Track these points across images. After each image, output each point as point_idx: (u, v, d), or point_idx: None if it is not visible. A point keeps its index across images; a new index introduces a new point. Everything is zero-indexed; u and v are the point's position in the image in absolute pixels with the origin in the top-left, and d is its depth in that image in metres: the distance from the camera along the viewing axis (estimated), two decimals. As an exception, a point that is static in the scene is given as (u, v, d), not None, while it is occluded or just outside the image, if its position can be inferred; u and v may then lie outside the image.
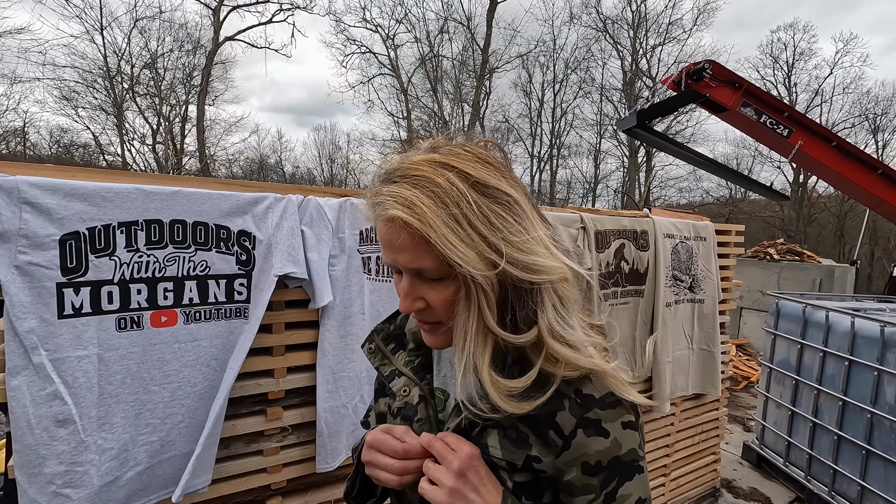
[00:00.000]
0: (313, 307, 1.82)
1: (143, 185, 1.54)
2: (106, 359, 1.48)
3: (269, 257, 1.71)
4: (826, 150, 5.05)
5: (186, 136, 18.21)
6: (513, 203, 0.63)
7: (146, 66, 16.54)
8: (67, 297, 1.43)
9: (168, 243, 1.58)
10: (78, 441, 1.42)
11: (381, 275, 1.99)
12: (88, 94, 15.90)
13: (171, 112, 17.78)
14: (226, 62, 18.27)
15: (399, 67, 19.25)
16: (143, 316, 1.56)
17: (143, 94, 17.09)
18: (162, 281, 1.58)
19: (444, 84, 19.25)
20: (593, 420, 0.66)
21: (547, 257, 0.63)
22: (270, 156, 22.56)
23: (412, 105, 19.64)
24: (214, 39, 17.32)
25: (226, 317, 1.69)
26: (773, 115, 4.96)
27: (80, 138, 16.92)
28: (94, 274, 1.47)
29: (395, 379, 0.82)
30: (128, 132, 17.00)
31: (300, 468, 1.87)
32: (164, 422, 1.59)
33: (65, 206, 1.42)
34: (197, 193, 1.61)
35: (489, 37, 18.40)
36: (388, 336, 0.87)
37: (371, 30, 18.91)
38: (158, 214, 1.56)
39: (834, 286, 7.11)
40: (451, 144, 0.66)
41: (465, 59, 19.07)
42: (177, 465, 1.62)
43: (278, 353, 1.80)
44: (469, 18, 18.39)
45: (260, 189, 1.76)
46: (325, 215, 1.82)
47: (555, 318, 0.65)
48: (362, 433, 1.95)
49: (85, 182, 1.46)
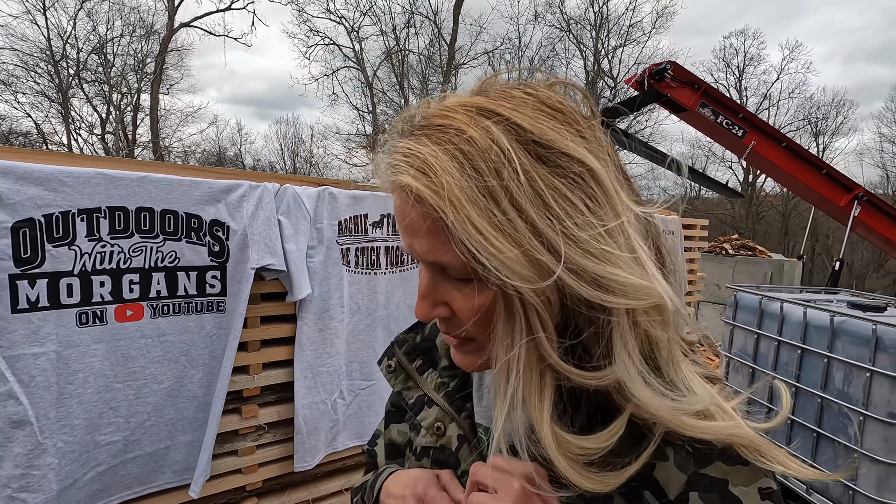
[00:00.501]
0: (291, 300, 1.75)
1: (106, 170, 1.44)
2: (65, 356, 1.38)
3: (244, 248, 1.63)
4: (777, 151, 5.32)
5: (139, 125, 17.33)
6: (588, 178, 0.41)
7: (94, 52, 15.62)
8: (22, 289, 1.32)
9: (134, 232, 1.48)
10: (35, 443, 1.32)
11: (361, 266, 1.94)
12: (29, 79, 14.87)
13: (121, 101, 16.86)
14: (181, 49, 17.48)
15: (364, 60, 18.97)
16: (106, 310, 1.45)
17: (90, 80, 16.13)
18: (127, 273, 1.48)
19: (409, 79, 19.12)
20: (715, 481, 0.43)
21: (630, 269, 0.40)
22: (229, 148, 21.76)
23: (378, 99, 19.40)
24: (169, 25, 16.51)
25: (197, 311, 1.60)
26: (728, 116, 5.18)
27: (20, 126, 15.81)
28: (52, 265, 1.36)
29: (425, 409, 0.61)
30: (74, 120, 16.02)
31: (277, 468, 1.80)
32: (129, 420, 1.50)
33: (17, 191, 1.30)
34: (166, 180, 1.52)
35: (455, 32, 18.39)
36: (413, 349, 0.66)
37: (335, 21, 18.54)
38: (123, 201, 1.46)
39: (783, 279, 7.51)
40: (508, 85, 0.45)
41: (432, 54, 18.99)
42: (142, 465, 1.53)
43: (254, 349, 1.73)
44: (436, 13, 18.31)
45: (234, 176, 1.67)
46: (302, 205, 1.76)
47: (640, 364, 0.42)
48: (340, 431, 1.91)
49: (40, 165, 1.35)
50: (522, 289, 0.40)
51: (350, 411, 1.95)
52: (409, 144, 0.42)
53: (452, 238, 0.40)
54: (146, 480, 1.54)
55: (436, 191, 0.39)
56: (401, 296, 2.07)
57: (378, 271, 1.99)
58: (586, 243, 0.39)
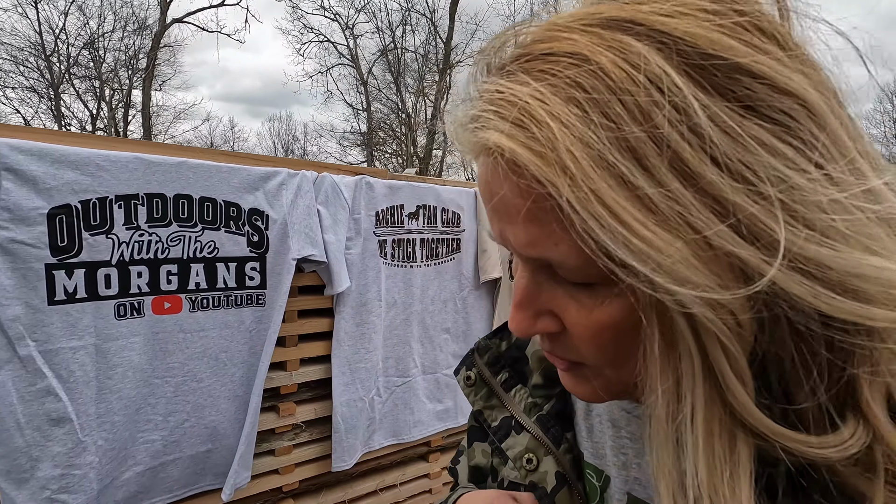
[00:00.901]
0: (330, 293, 1.69)
1: (144, 154, 1.37)
2: (104, 350, 1.30)
3: (284, 239, 1.56)
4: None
5: (130, 121, 17.04)
6: (798, 117, 0.25)
7: (85, 46, 15.34)
8: (59, 280, 1.24)
9: (172, 220, 1.41)
10: (76, 441, 1.24)
11: (397, 259, 1.88)
12: (19, 74, 14.56)
13: (112, 96, 16.59)
14: (174, 45, 17.23)
15: (359, 58, 18.84)
16: (144, 302, 1.38)
17: (80, 76, 15.84)
18: (165, 263, 1.41)
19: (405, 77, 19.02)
20: None
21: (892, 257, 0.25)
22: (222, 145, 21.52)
23: (373, 97, 19.28)
24: (161, 20, 16.25)
25: (236, 304, 1.53)
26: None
27: (9, 121, 15.49)
28: (89, 254, 1.28)
29: (512, 435, 0.48)
30: (65, 116, 15.72)
31: (314, 467, 1.73)
32: (167, 419, 1.43)
33: (53, 175, 1.23)
34: (204, 165, 1.45)
35: (451, 30, 18.33)
36: (497, 359, 0.52)
37: (330, 18, 18.39)
38: (161, 188, 1.39)
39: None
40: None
41: (427, 51, 18.91)
42: (182, 468, 1.46)
43: (291, 344, 1.66)
44: (433, 11, 18.23)
45: (271, 163, 1.60)
46: (341, 194, 1.69)
47: None
48: (376, 429, 1.84)
49: (77, 148, 1.27)
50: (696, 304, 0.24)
51: (386, 409, 1.88)
52: (499, 85, 0.28)
53: (569, 224, 0.26)
54: (186, 483, 1.47)
55: (540, 152, 0.25)
56: (435, 290, 2.01)
57: (413, 264, 1.93)
58: (821, 219, 0.24)
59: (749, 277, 0.24)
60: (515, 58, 0.29)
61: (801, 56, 0.27)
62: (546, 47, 0.28)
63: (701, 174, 0.24)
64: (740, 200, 0.23)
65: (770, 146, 0.24)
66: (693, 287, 0.24)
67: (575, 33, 0.27)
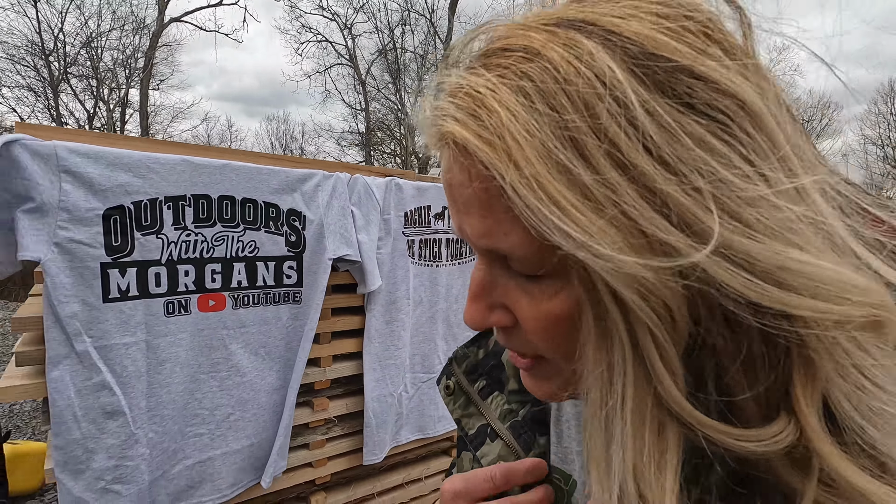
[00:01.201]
0: (362, 291, 1.74)
1: (191, 157, 1.41)
2: (155, 346, 1.35)
3: (321, 238, 1.61)
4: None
5: (127, 121, 16.98)
6: (735, 116, 0.26)
7: (84, 46, 15.28)
8: (113, 278, 1.29)
9: (216, 221, 1.46)
10: (128, 434, 1.29)
11: (424, 259, 1.93)
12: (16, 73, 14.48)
13: (109, 96, 16.52)
14: (171, 44, 17.18)
15: (357, 58, 18.86)
16: (190, 299, 1.43)
17: (78, 75, 15.77)
18: (210, 262, 1.46)
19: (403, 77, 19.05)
20: None
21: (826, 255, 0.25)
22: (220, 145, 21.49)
23: (371, 97, 19.30)
24: (159, 20, 16.20)
25: (274, 301, 1.58)
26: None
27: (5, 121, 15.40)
28: (141, 253, 1.33)
29: (487, 443, 0.48)
30: (62, 115, 15.64)
31: (345, 461, 1.78)
32: (213, 413, 1.47)
33: (108, 177, 1.27)
34: (246, 168, 1.50)
35: (450, 30, 18.38)
36: (474, 368, 0.52)
37: (328, 17, 18.39)
38: (206, 189, 1.43)
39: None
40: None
41: (426, 52, 18.95)
42: (229, 464, 1.51)
43: (325, 341, 1.71)
44: (432, 11, 18.27)
45: (306, 165, 1.65)
46: (373, 195, 1.74)
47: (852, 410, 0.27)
48: (404, 424, 1.90)
49: (129, 151, 1.32)
50: (624, 291, 0.25)
51: (412, 404, 1.94)
52: (460, 78, 0.30)
53: (517, 211, 0.26)
54: (234, 481, 1.52)
55: (489, 139, 0.26)
56: (459, 288, 2.06)
57: (439, 263, 1.98)
58: (749, 213, 0.24)
59: (685, 268, 0.24)
60: (480, 54, 0.31)
61: (745, 61, 0.28)
62: (505, 43, 0.29)
63: (636, 164, 0.25)
64: (672, 191, 0.24)
65: (705, 142, 0.25)
66: (626, 275, 0.25)
67: (533, 31, 0.29)
